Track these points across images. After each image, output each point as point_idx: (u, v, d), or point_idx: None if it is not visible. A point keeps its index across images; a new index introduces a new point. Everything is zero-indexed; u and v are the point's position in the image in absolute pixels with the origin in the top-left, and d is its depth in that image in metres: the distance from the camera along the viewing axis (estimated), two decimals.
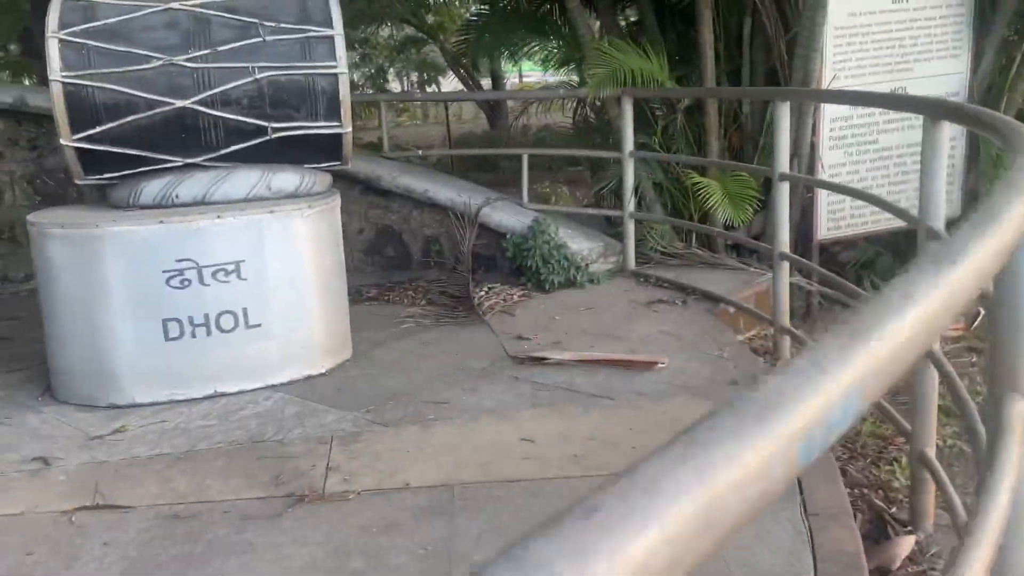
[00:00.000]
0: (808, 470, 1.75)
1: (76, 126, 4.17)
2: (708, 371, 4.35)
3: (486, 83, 20.90)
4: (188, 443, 3.73)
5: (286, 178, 4.49)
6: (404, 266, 6.68)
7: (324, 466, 3.46)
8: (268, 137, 4.39)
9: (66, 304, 4.17)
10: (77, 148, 4.23)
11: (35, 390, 4.41)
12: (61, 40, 4.09)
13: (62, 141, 4.19)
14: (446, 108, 16.98)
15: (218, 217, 4.15)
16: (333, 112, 4.42)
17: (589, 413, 3.90)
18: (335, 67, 4.35)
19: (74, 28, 4.13)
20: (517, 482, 3.26)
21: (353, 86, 24.26)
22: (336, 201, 4.67)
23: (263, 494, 3.27)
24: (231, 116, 4.30)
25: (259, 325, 4.30)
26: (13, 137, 6.38)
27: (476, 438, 3.69)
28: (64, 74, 4.08)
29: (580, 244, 6.12)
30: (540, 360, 4.50)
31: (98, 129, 4.19)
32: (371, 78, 23.67)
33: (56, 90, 4.09)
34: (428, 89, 21.37)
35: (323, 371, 4.51)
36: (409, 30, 20.49)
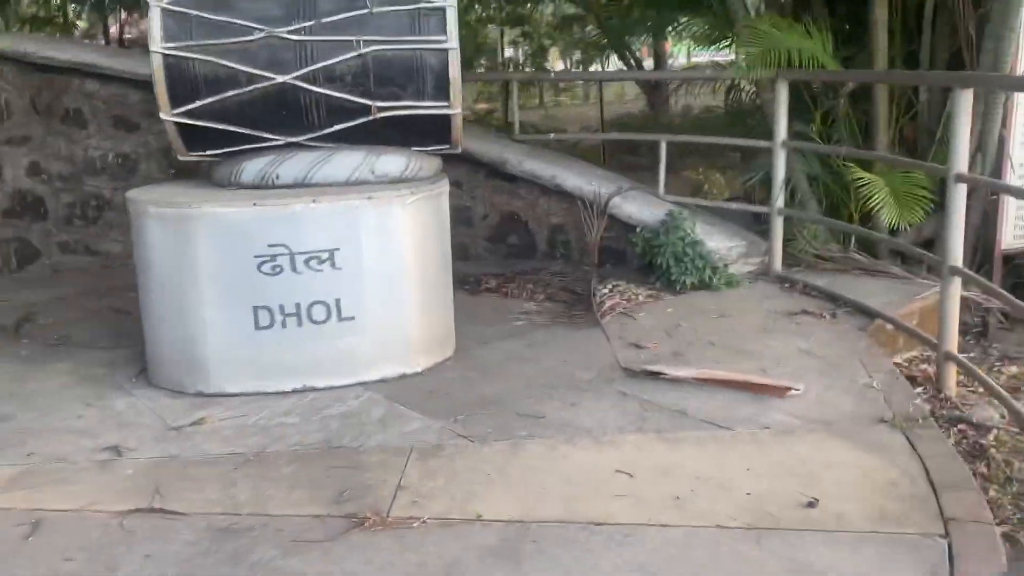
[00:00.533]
0: None
1: (176, 100, 4.00)
2: (852, 403, 3.73)
3: (650, 64, 20.18)
4: (262, 443, 3.50)
5: (391, 161, 4.18)
6: (528, 255, 6.29)
7: (395, 483, 3.13)
8: (372, 117, 4.08)
9: (159, 285, 4.04)
10: (177, 123, 4.07)
11: (132, 371, 4.33)
12: (164, 9, 3.93)
13: (162, 115, 4.05)
14: (600, 88, 16.36)
15: (313, 201, 3.89)
16: (442, 91, 4.06)
17: (701, 445, 3.39)
18: (445, 42, 3.99)
19: None
20: (602, 526, 2.81)
21: (515, 65, 24.18)
22: (443, 188, 4.33)
23: (323, 511, 2.97)
24: (334, 93, 4.02)
25: (352, 318, 4.02)
26: (150, 108, 6.40)
27: (566, 465, 3.26)
28: (165, 45, 3.91)
29: (719, 242, 5.54)
30: (654, 375, 4.01)
31: (197, 104, 4.01)
32: (532, 56, 23.41)
33: (156, 62, 3.93)
34: (591, 68, 20.83)
35: (419, 370, 4.19)
36: (570, 8, 20.03)
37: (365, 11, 3.97)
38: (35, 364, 4.48)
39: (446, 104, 4.08)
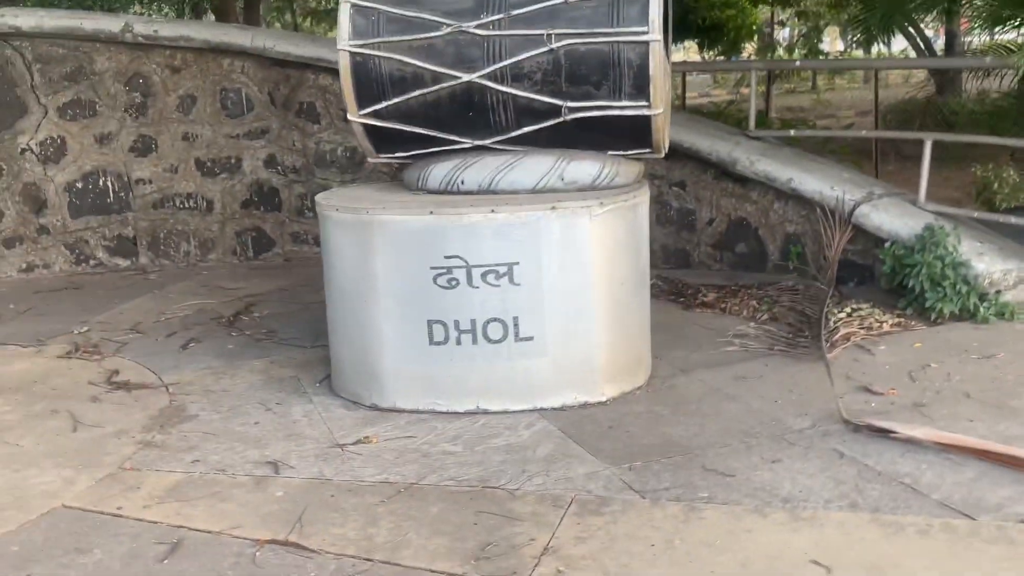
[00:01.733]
0: None
1: (363, 100, 3.84)
2: None
3: (940, 44, 18.08)
4: (418, 472, 3.24)
5: (583, 167, 3.77)
6: (756, 267, 5.62)
7: (543, 543, 2.74)
8: (563, 118, 3.68)
9: (340, 291, 3.92)
10: (365, 125, 3.90)
11: (319, 374, 4.27)
12: (353, 5, 3.76)
13: (349, 116, 3.90)
14: (876, 72, 14.74)
15: (491, 211, 3.57)
16: (641, 89, 3.57)
17: (928, 537, 2.69)
18: (646, 33, 3.49)
19: None
20: None
21: (789, 48, 22.68)
22: (640, 197, 3.84)
23: (459, 569, 2.64)
24: (521, 93, 3.67)
25: (531, 338, 3.67)
26: None
27: (749, 543, 2.71)
28: (352, 42, 3.74)
29: (991, 264, 4.59)
30: (883, 432, 3.30)
31: (384, 104, 3.82)
32: (805, 37, 21.83)
33: (344, 60, 3.78)
34: (873, 49, 19.03)
35: (603, 399, 3.77)
36: None
37: (559, 1, 3.57)
38: (236, 360, 4.56)
39: (646, 104, 3.59)
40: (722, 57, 19.80)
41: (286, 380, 4.24)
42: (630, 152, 3.85)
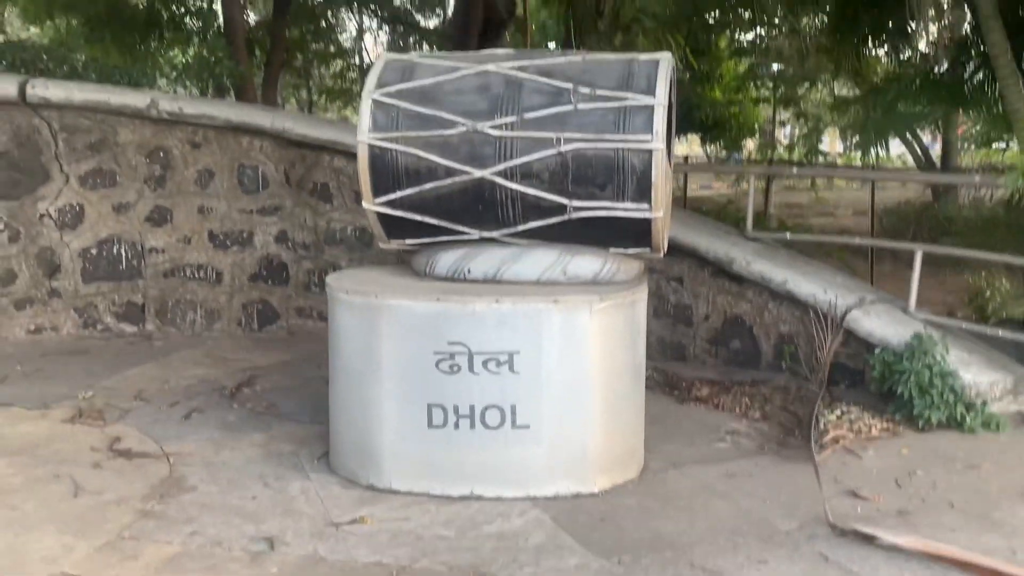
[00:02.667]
0: None
1: (378, 189, 4.02)
2: None
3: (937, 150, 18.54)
4: (410, 556, 3.30)
5: (584, 263, 3.93)
6: (750, 364, 5.73)
7: None
8: (568, 216, 3.86)
9: (345, 370, 4.03)
10: (379, 212, 4.08)
11: (318, 451, 4.34)
12: (375, 100, 3.97)
13: (364, 204, 4.07)
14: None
15: (495, 301, 3.71)
16: (643, 193, 3.76)
17: None
18: (649, 141, 3.69)
19: (389, 88, 3.99)
20: None
21: (790, 146, 23.22)
22: (640, 294, 3.99)
23: None
24: (529, 191, 3.85)
25: (527, 426, 3.77)
26: None
27: None
28: (372, 135, 3.94)
29: (978, 374, 4.71)
30: (868, 538, 3.37)
31: (398, 194, 3.99)
32: (804, 138, 22.39)
33: (362, 152, 3.97)
34: (871, 153, 19.51)
35: (595, 491, 3.84)
36: (845, 90, 18.92)
37: (569, 107, 3.78)
38: (236, 432, 4.64)
39: (647, 206, 3.77)
40: (725, 151, 20.29)
41: (285, 455, 4.31)
42: (631, 250, 4.01)
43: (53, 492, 3.82)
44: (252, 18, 15.92)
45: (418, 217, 4.04)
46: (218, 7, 12.50)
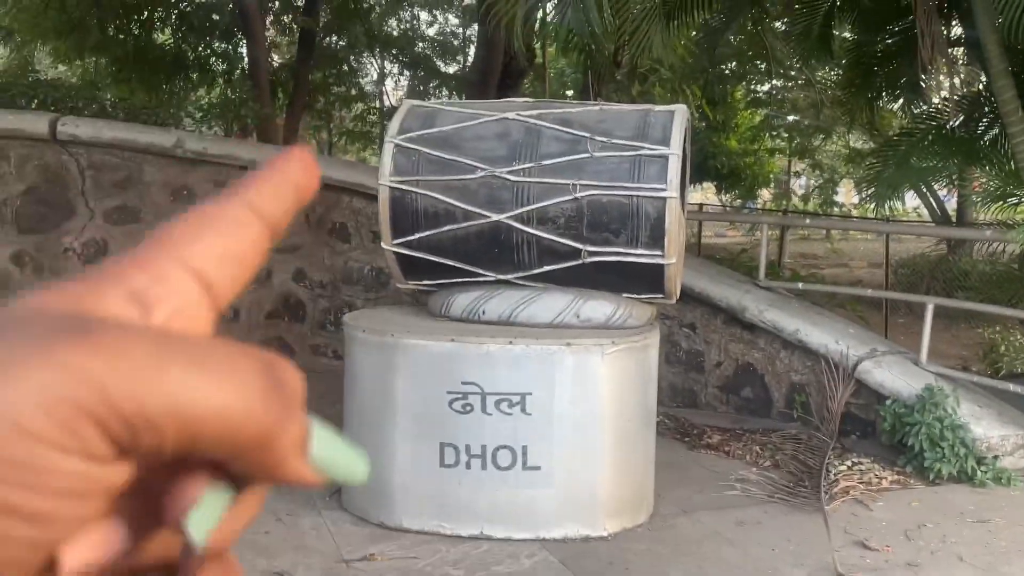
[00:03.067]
0: None
1: (397, 231, 4.11)
2: None
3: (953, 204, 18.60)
4: None
5: (597, 307, 3.99)
6: (761, 412, 5.75)
7: None
8: (582, 261, 3.93)
9: (359, 408, 4.08)
10: (397, 253, 4.16)
11: (332, 487, 4.38)
12: (397, 145, 4.08)
13: (383, 245, 4.16)
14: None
15: (509, 343, 3.77)
16: (656, 240, 3.83)
17: None
18: (664, 190, 3.77)
19: (411, 133, 4.10)
20: None
21: (804, 197, 23.33)
22: (652, 340, 4.04)
23: None
24: (545, 235, 3.93)
25: (538, 468, 3.80)
26: None
27: None
28: (392, 179, 4.04)
29: (989, 428, 4.71)
30: None
31: (416, 236, 4.08)
32: (819, 189, 22.51)
33: (383, 195, 4.07)
34: (884, 205, 19.56)
35: (604, 534, 3.86)
36: (859, 143, 19.06)
37: (586, 155, 3.87)
38: None
39: (660, 253, 3.84)
40: (739, 200, 20.42)
41: (297, 492, 4.35)
42: (643, 296, 4.07)
43: None
44: (276, 61, 16.25)
45: (435, 258, 4.12)
46: (243, 50, 12.80)
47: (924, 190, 15.88)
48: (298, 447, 0.31)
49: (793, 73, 15.36)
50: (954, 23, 7.62)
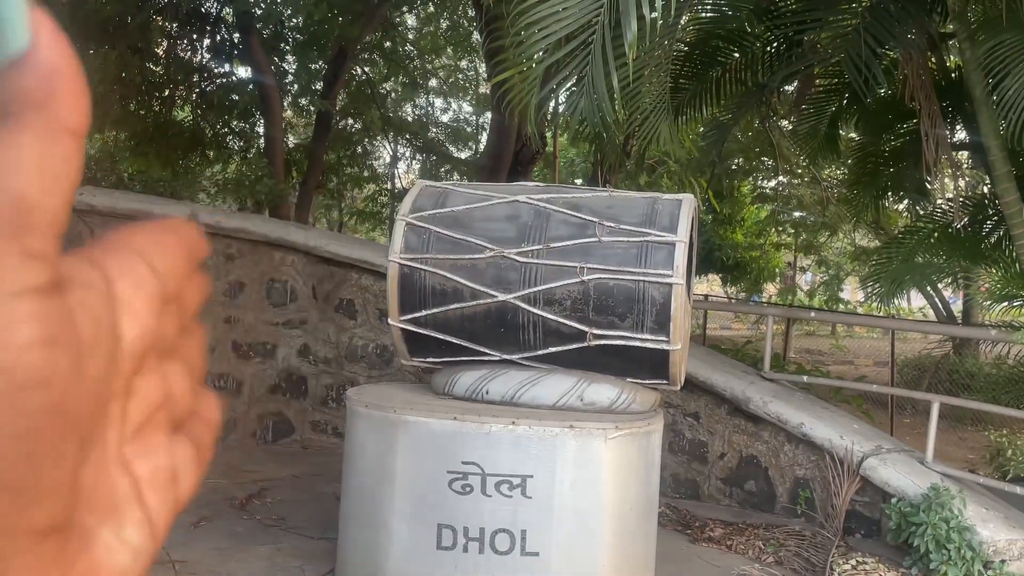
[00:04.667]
0: None
1: (405, 307, 4.13)
2: None
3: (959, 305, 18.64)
4: None
5: (601, 391, 3.97)
6: (765, 507, 5.66)
7: None
8: (587, 343, 3.94)
9: (358, 485, 4.03)
10: (403, 329, 4.17)
11: (324, 568, 4.30)
12: (408, 223, 4.13)
13: (390, 320, 4.18)
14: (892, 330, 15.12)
15: (512, 423, 3.74)
16: (662, 326, 3.84)
17: None
18: (670, 276, 3.80)
19: (423, 212, 4.16)
20: None
21: (810, 292, 23.45)
22: (655, 425, 4.02)
23: None
24: (551, 316, 3.94)
25: (536, 554, 3.73)
26: None
27: None
28: (402, 256, 4.08)
29: (995, 531, 4.63)
30: None
31: (423, 313, 4.10)
32: (825, 285, 22.61)
33: (392, 271, 4.10)
34: (889, 302, 19.61)
35: None
36: (865, 240, 19.23)
37: (594, 239, 3.92)
38: (243, 543, 4.60)
39: (665, 339, 3.84)
40: (744, 294, 20.49)
41: (291, 570, 4.27)
42: (648, 381, 4.06)
43: None
44: (292, 140, 16.59)
45: (441, 336, 4.13)
46: (260, 128, 13.08)
47: (929, 290, 15.94)
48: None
49: (800, 170, 15.61)
50: (958, 127, 7.79)
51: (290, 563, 4.36)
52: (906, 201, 9.32)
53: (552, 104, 7.40)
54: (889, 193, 8.69)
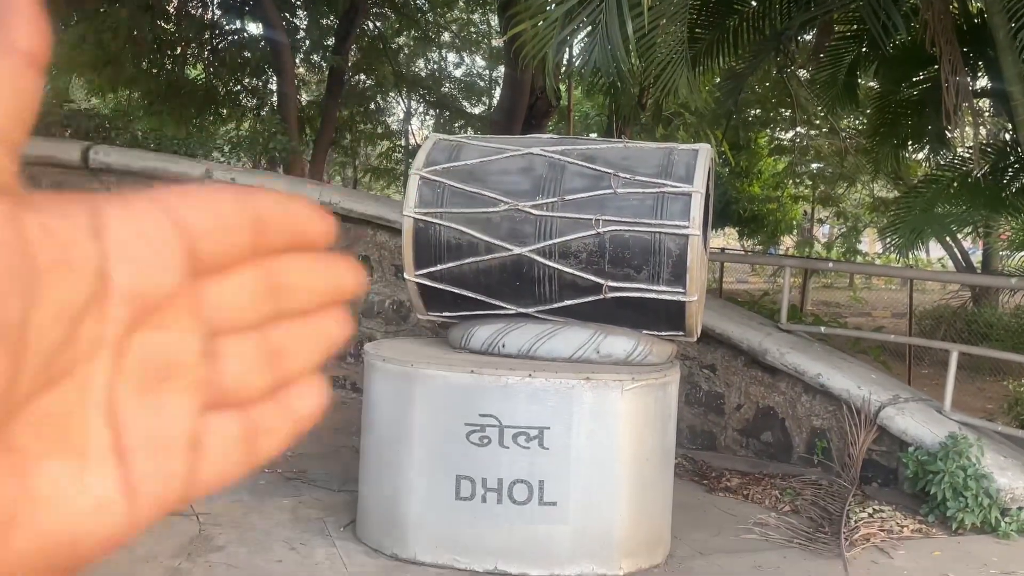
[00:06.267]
0: None
1: (420, 262, 4.13)
2: None
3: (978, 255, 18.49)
4: None
5: (618, 343, 3.98)
6: (781, 457, 5.68)
7: None
8: (603, 296, 3.93)
9: (377, 438, 4.08)
10: (419, 284, 4.18)
11: (345, 518, 4.36)
12: (422, 177, 4.12)
13: (406, 276, 4.19)
14: (911, 280, 15.00)
15: (529, 376, 3.76)
16: (678, 277, 3.83)
17: None
18: (687, 228, 3.78)
19: (437, 166, 4.14)
20: None
21: (827, 245, 23.29)
22: (672, 377, 4.03)
23: None
24: (567, 269, 3.94)
25: (554, 504, 3.77)
26: None
27: None
28: (417, 210, 4.08)
29: (1013, 479, 4.63)
30: None
31: (439, 267, 4.10)
32: (843, 237, 22.44)
33: (407, 226, 4.10)
34: (908, 254, 19.45)
35: (619, 574, 3.82)
36: (884, 191, 19.03)
37: (609, 191, 3.90)
38: (266, 496, 4.67)
39: (681, 291, 3.84)
40: (761, 247, 20.38)
41: (312, 521, 4.34)
42: (664, 333, 4.06)
43: None
44: (305, 97, 16.51)
45: (457, 290, 4.14)
46: (273, 86, 13.02)
47: (949, 241, 15.80)
48: None
49: (817, 121, 15.40)
50: (980, 73, 7.64)
51: (312, 515, 4.42)
52: (926, 150, 9.20)
53: (566, 57, 7.31)
54: (909, 142, 8.57)
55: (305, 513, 4.44)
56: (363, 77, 15.62)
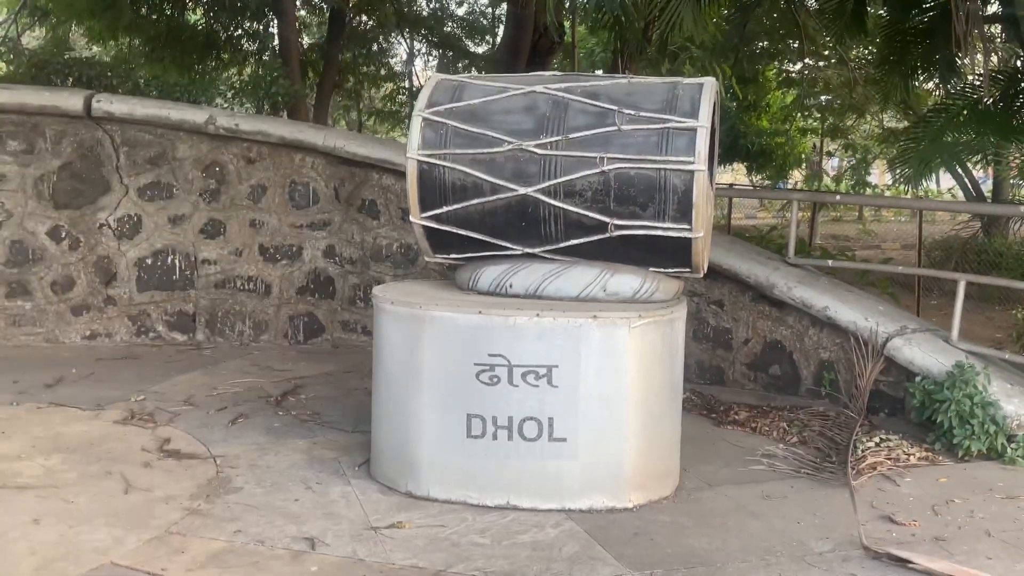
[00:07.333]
0: None
1: (425, 205, 4.14)
2: None
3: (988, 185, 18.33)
4: (447, 560, 3.38)
5: (624, 281, 4.00)
6: (789, 390, 5.74)
7: None
8: (609, 234, 3.94)
9: (387, 380, 4.13)
10: (425, 227, 4.19)
11: (359, 458, 4.44)
12: (425, 118, 4.10)
13: (411, 218, 4.20)
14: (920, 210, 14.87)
15: (537, 315, 3.79)
16: (684, 214, 3.83)
17: None
18: (692, 163, 3.77)
19: (439, 107, 4.12)
20: None
21: (837, 177, 23.07)
22: (679, 313, 4.05)
23: None
24: (572, 208, 3.94)
25: (564, 440, 3.84)
26: None
27: None
28: (421, 152, 4.07)
29: (1019, 406, 4.67)
30: (901, 561, 3.37)
31: (444, 209, 4.11)
32: (852, 169, 22.24)
33: (411, 168, 4.10)
34: (917, 184, 19.28)
35: (629, 506, 3.89)
36: (893, 122, 18.80)
37: (613, 128, 3.87)
38: (280, 438, 4.76)
39: (688, 227, 3.84)
40: (769, 182, 20.22)
41: (327, 461, 4.42)
42: (670, 270, 4.07)
43: (105, 488, 3.97)
44: (306, 41, 16.30)
45: (463, 232, 4.15)
46: (274, 29, 12.84)
47: (958, 170, 15.63)
48: None
49: (826, 52, 15.14)
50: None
51: (326, 455, 4.51)
52: (936, 79, 9.05)
53: None
54: (919, 71, 8.43)
55: (320, 454, 4.53)
56: (364, 18, 15.39)
